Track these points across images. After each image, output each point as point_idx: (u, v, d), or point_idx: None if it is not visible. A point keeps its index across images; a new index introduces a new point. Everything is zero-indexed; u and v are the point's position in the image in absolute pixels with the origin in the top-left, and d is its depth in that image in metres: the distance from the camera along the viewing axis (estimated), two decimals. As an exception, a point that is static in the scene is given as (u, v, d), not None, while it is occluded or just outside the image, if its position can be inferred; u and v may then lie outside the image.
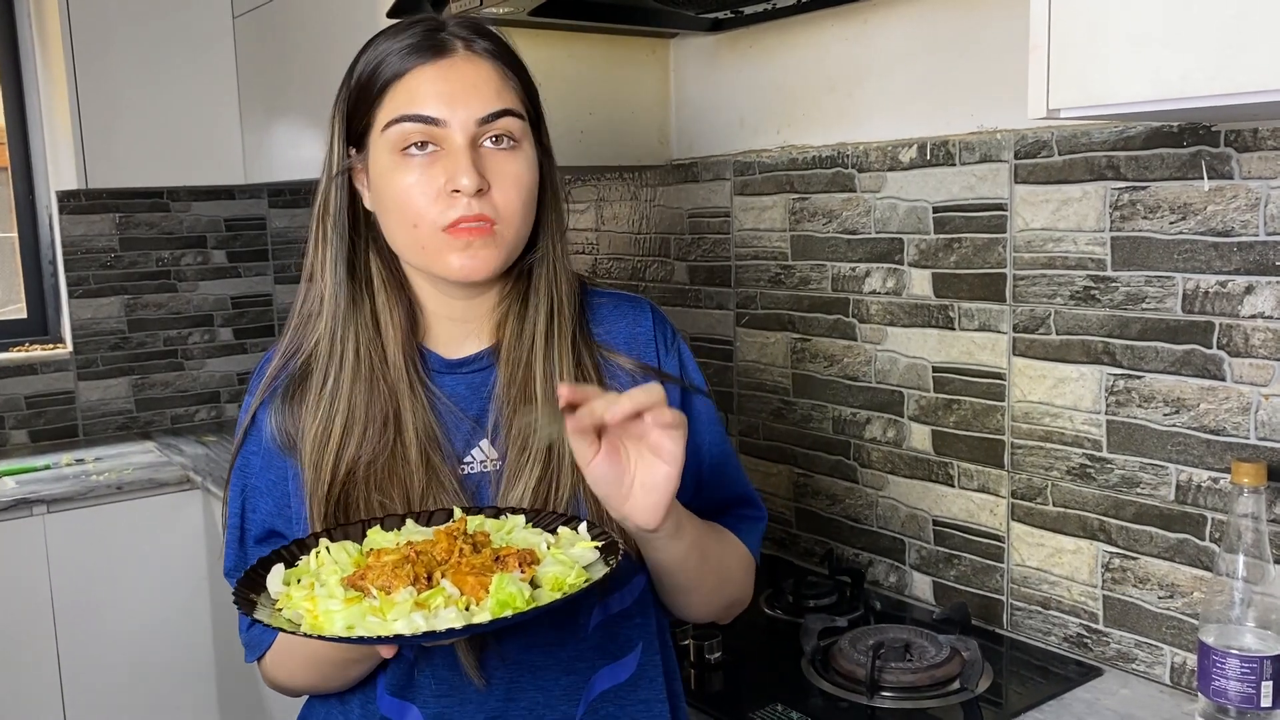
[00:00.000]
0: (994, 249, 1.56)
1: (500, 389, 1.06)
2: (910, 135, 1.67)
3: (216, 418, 3.24)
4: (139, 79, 2.77)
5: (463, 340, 1.10)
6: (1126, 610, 1.46)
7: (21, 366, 2.96)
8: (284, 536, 1.09)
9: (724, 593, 1.13)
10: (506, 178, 1.00)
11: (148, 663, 2.62)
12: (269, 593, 0.88)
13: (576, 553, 0.89)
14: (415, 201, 0.99)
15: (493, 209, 1.00)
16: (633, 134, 2.10)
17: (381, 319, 1.06)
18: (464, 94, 0.99)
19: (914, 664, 1.43)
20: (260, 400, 1.09)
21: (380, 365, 1.05)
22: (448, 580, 0.83)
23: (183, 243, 3.16)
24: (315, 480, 1.03)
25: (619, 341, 1.12)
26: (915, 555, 1.74)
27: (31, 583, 2.49)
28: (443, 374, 1.09)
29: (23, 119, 3.03)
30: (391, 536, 0.94)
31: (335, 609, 0.80)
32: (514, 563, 0.85)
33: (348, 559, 0.90)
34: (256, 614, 0.83)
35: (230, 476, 1.12)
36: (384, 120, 1.00)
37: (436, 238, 1.00)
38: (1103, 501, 1.47)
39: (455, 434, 1.06)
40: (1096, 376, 1.46)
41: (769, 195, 1.92)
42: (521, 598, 0.80)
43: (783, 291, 1.92)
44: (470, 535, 0.90)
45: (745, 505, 1.16)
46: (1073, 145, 1.45)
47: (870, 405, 1.78)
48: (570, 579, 0.85)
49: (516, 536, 0.92)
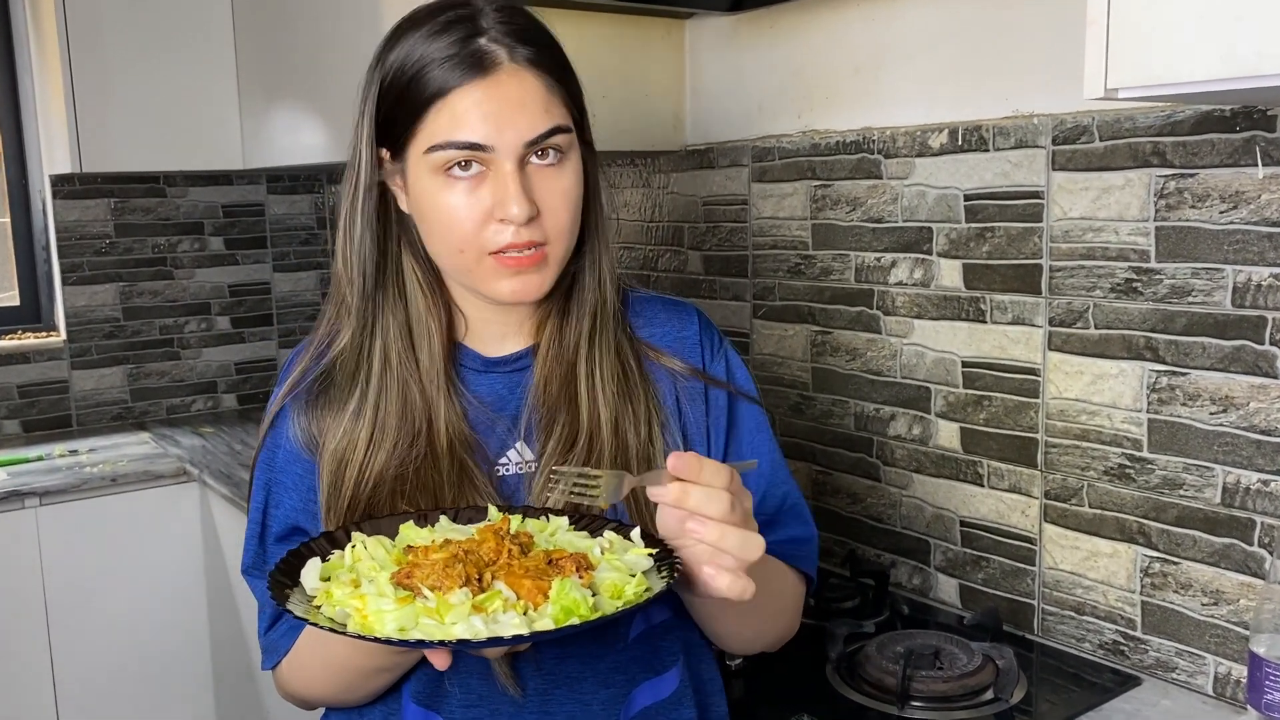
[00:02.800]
0: (1029, 239, 1.49)
1: (538, 389, 1.02)
2: (940, 119, 1.60)
3: (214, 408, 3.17)
4: (135, 60, 2.69)
5: (502, 339, 1.06)
6: (1167, 617, 1.39)
7: (14, 355, 2.88)
8: (307, 534, 1.04)
9: (772, 630, 1.08)
10: (555, 195, 0.95)
11: (142, 658, 2.56)
12: (303, 588, 0.81)
13: (631, 559, 0.83)
14: (461, 226, 0.94)
15: (543, 232, 0.95)
16: (646, 118, 2.03)
17: (415, 324, 1.02)
18: (511, 116, 0.93)
19: (945, 672, 1.37)
20: (285, 397, 1.04)
21: (413, 373, 1.01)
22: (502, 583, 0.77)
23: (179, 229, 3.09)
24: (333, 497, 0.98)
25: (665, 344, 1.08)
26: (941, 557, 1.68)
27: (23, 577, 2.42)
28: (479, 372, 1.05)
29: (15, 100, 2.95)
30: (426, 533, 0.88)
31: (388, 609, 0.74)
32: (571, 566, 0.79)
33: (386, 555, 0.84)
34: (291, 607, 0.76)
35: (254, 469, 1.07)
36: (426, 143, 0.94)
37: (483, 262, 0.95)
38: (1142, 503, 1.40)
39: (490, 436, 1.02)
40: (1138, 373, 1.39)
41: (789, 182, 1.85)
42: (586, 605, 0.75)
43: (802, 282, 1.85)
44: (515, 535, 0.84)
45: (793, 520, 1.09)
46: (1115, 130, 1.38)
47: (895, 401, 1.71)
48: (631, 588, 0.79)
49: (561, 539, 0.87)
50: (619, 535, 0.87)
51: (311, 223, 3.30)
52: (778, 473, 1.09)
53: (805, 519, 1.10)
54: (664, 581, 0.80)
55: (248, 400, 3.22)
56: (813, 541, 1.10)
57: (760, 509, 1.08)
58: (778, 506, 1.08)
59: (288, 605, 0.77)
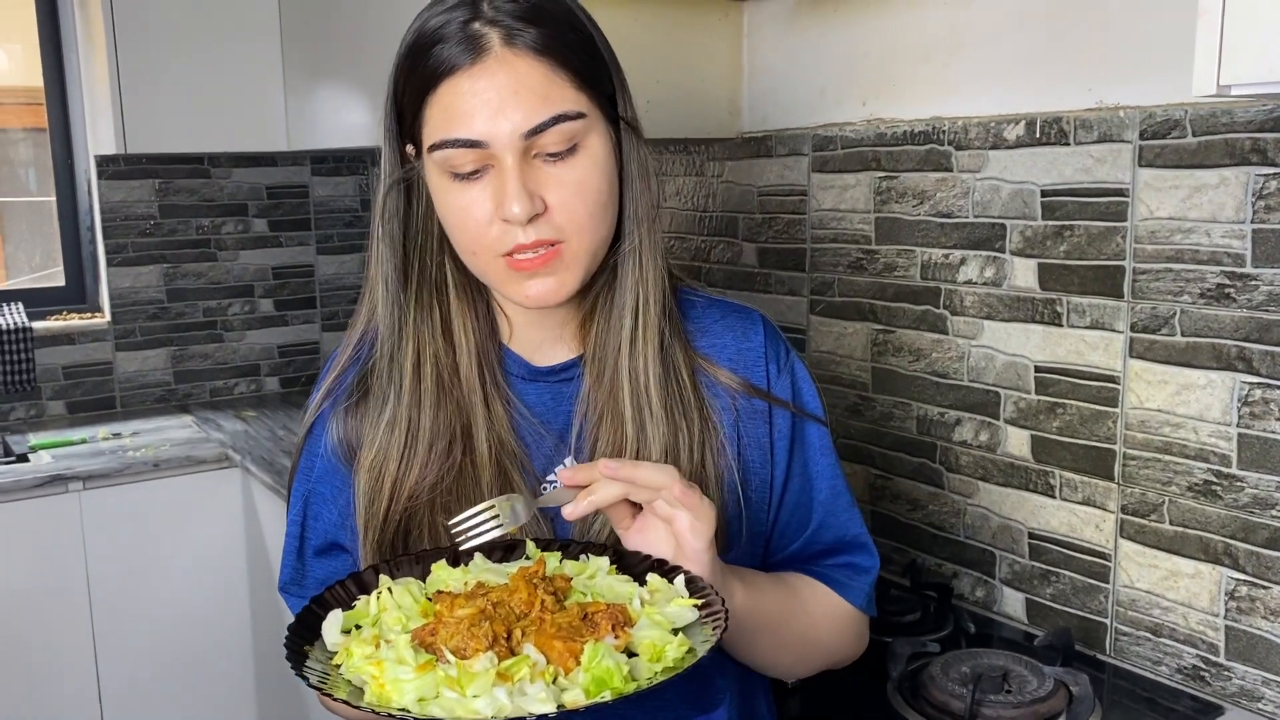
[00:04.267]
0: (1111, 239, 1.41)
1: (584, 400, 0.95)
2: (1017, 110, 1.52)
3: (256, 391, 3.15)
4: (180, 41, 2.66)
5: (550, 345, 0.98)
6: (1254, 643, 1.31)
7: (59, 336, 2.87)
8: (346, 550, 0.99)
9: (810, 662, 1.02)
10: (567, 189, 0.86)
11: (184, 644, 2.55)
12: (324, 642, 0.76)
13: (673, 612, 0.76)
14: (469, 229, 0.88)
15: (553, 229, 0.87)
16: (701, 104, 1.95)
17: (454, 325, 0.95)
18: (505, 106, 0.84)
19: (1015, 697, 1.30)
20: (321, 405, 0.99)
21: (451, 377, 0.94)
22: (531, 645, 0.71)
23: (223, 210, 3.06)
24: (369, 511, 0.93)
25: (724, 356, 0.99)
26: (1007, 569, 1.60)
27: (67, 560, 2.42)
28: (526, 381, 0.97)
29: (61, 80, 2.93)
30: (459, 574, 0.82)
31: (406, 678, 0.68)
32: (606, 625, 0.73)
33: (413, 603, 0.78)
34: (308, 672, 0.71)
35: (293, 480, 1.02)
36: (428, 141, 0.88)
37: (497, 265, 0.88)
38: (1229, 523, 1.32)
39: (536, 451, 0.95)
40: (1228, 384, 1.30)
41: (851, 173, 1.77)
42: (620, 674, 0.68)
43: (864, 278, 1.77)
44: (550, 579, 0.78)
45: (855, 550, 1.02)
46: (1210, 125, 1.29)
47: (961, 405, 1.64)
48: (671, 650, 0.72)
49: (600, 583, 0.80)
50: (664, 580, 0.81)
51: (356, 205, 3.26)
52: (837, 500, 1.02)
53: (869, 551, 1.02)
54: (710, 640, 0.73)
55: (290, 384, 3.19)
56: (871, 574, 1.02)
57: (815, 542, 1.01)
58: (836, 539, 1.01)
59: (305, 668, 0.72)
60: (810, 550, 1.02)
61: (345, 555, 0.99)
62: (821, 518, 1.01)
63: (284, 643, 0.75)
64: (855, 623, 1.04)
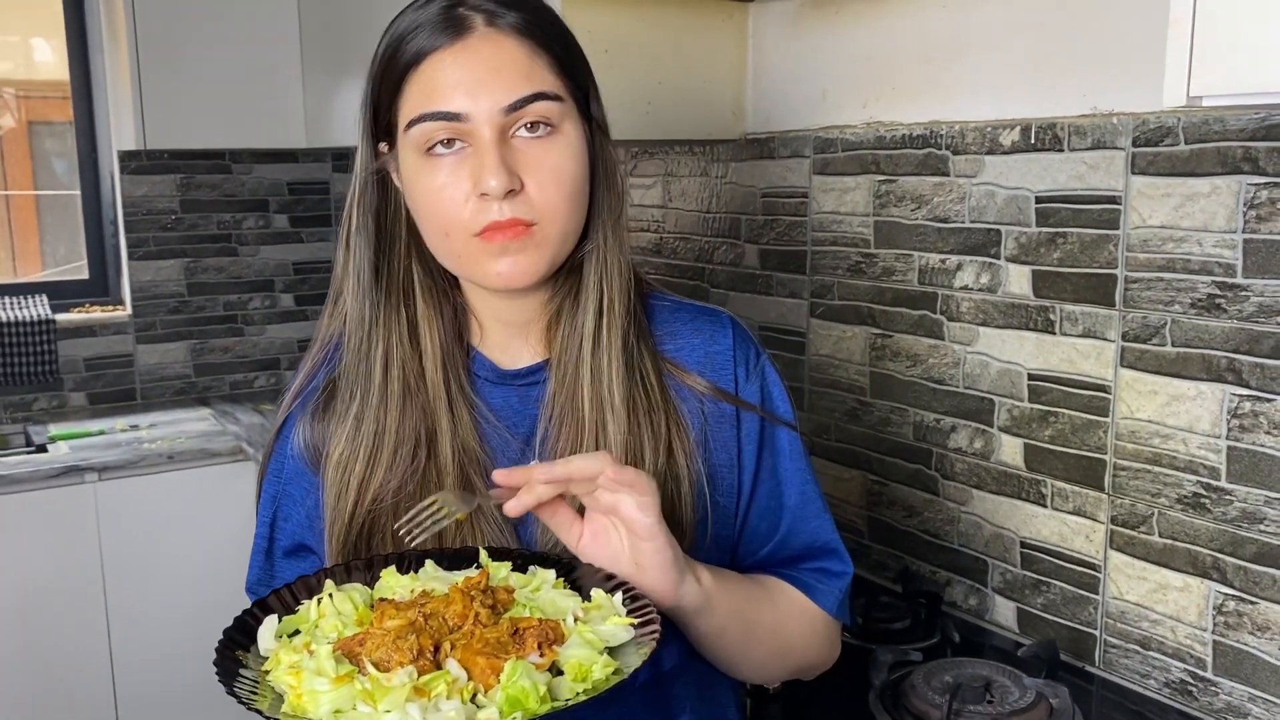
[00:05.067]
0: (1104, 246, 1.39)
1: (549, 402, 0.94)
2: (1013, 115, 1.50)
3: (275, 385, 3.19)
4: (201, 38, 2.69)
5: (519, 348, 0.98)
6: (1240, 659, 1.29)
7: (81, 328, 2.92)
8: (313, 551, 0.99)
9: (783, 661, 1.00)
10: (543, 170, 0.87)
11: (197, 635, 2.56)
12: (258, 649, 0.77)
13: (607, 630, 0.76)
14: (444, 207, 0.87)
15: (529, 209, 0.87)
16: (704, 106, 1.95)
17: (421, 329, 0.95)
18: (485, 81, 0.86)
19: (995, 708, 1.29)
20: (290, 406, 0.99)
21: (416, 381, 0.94)
22: (454, 660, 0.71)
23: (244, 206, 3.10)
24: (335, 509, 0.93)
25: (692, 360, 0.98)
26: (999, 578, 1.59)
27: (82, 551, 2.46)
28: (493, 384, 0.97)
29: (86, 76, 2.98)
30: (407, 581, 0.82)
31: (322, 689, 0.68)
32: (533, 643, 0.72)
33: (352, 610, 0.78)
34: (238, 680, 0.72)
35: (262, 481, 1.02)
36: (405, 119, 0.88)
37: (470, 245, 0.88)
38: (1218, 536, 1.30)
39: (502, 457, 0.95)
40: (1218, 396, 1.29)
41: (851, 176, 1.76)
42: (535, 695, 0.68)
43: (863, 282, 1.76)
44: (492, 591, 0.78)
45: (826, 555, 1.01)
46: (1202, 133, 1.27)
47: (956, 412, 1.62)
48: (596, 670, 0.72)
49: (543, 597, 0.80)
50: (608, 596, 0.80)
51: (375, 201, 3.28)
52: (807, 506, 1.00)
53: (840, 557, 1.01)
54: (641, 656, 0.73)
55: (309, 378, 3.22)
56: (843, 579, 1.00)
57: (784, 548, 1.00)
58: (806, 545, 1.00)
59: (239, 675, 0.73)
60: (780, 555, 1.01)
61: (313, 557, 1.00)
62: (791, 523, 1.00)
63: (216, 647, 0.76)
64: (826, 627, 1.03)
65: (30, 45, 3.47)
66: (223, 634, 0.78)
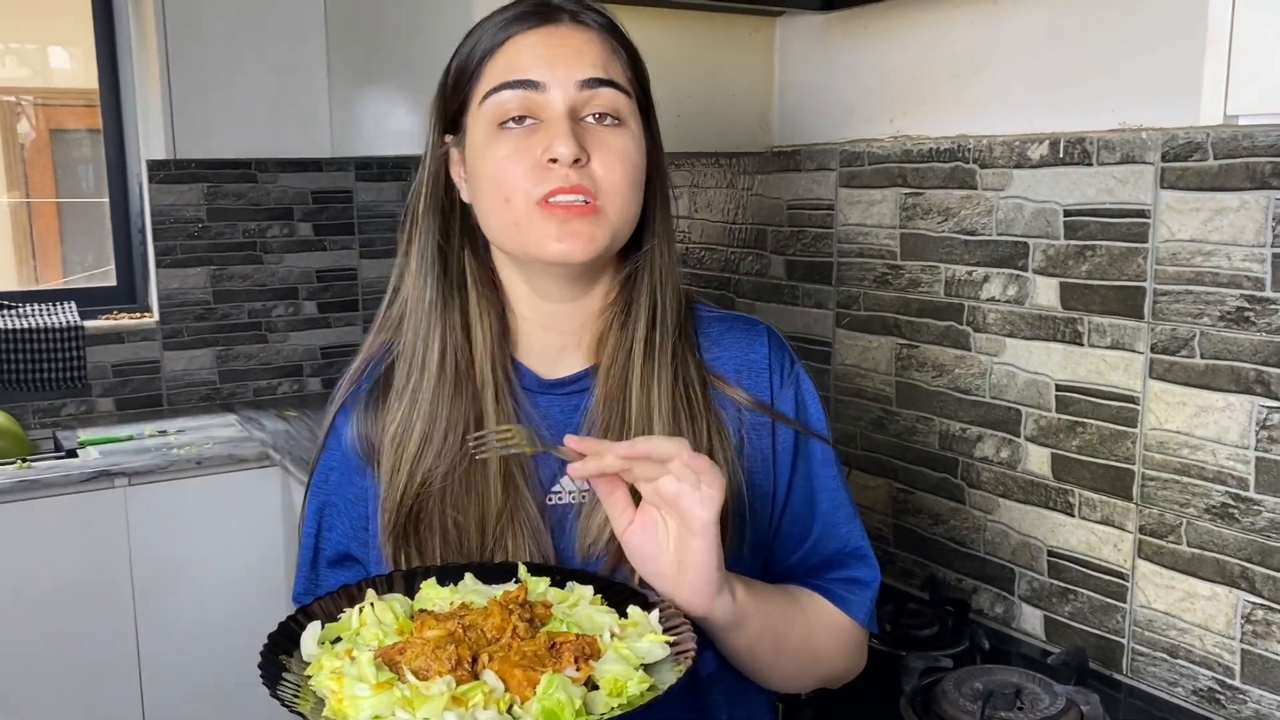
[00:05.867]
0: (1133, 260, 1.41)
1: (595, 411, 0.96)
2: (1041, 130, 1.52)
3: (299, 391, 3.22)
4: (230, 49, 2.73)
5: (560, 356, 1.00)
6: (1270, 668, 1.31)
7: (109, 334, 2.96)
8: (359, 561, 1.02)
9: (811, 672, 1.01)
10: (610, 151, 0.91)
11: (225, 641, 2.60)
12: (301, 654, 0.79)
13: (643, 647, 0.78)
14: (509, 173, 0.91)
15: (592, 182, 0.90)
16: (732, 118, 1.97)
17: (472, 322, 0.98)
18: (566, 57, 0.91)
19: (1026, 715, 1.31)
20: (340, 405, 1.01)
21: (467, 370, 0.97)
22: (492, 671, 0.73)
23: (269, 214, 3.13)
24: (389, 488, 0.95)
25: (729, 369, 1.01)
26: (1026, 586, 1.61)
27: (112, 555, 2.49)
28: (536, 394, 0.99)
29: (116, 85, 3.02)
30: (447, 593, 0.84)
31: (363, 695, 0.70)
32: (569, 657, 0.74)
33: (393, 620, 0.81)
34: (281, 683, 0.74)
35: (308, 491, 1.04)
36: (481, 93, 0.93)
37: (531, 213, 0.90)
38: (1246, 546, 1.32)
39: (544, 460, 0.97)
40: (1246, 408, 1.30)
41: (878, 189, 1.79)
42: (571, 707, 0.70)
43: (889, 293, 1.78)
44: (529, 605, 0.80)
45: (855, 562, 1.03)
46: (1231, 149, 1.29)
47: (983, 422, 1.64)
48: (632, 686, 0.73)
49: (580, 613, 0.82)
50: (644, 614, 0.82)
51: (399, 210, 3.29)
52: (838, 512, 1.02)
53: (869, 564, 1.03)
54: (676, 673, 0.75)
55: (332, 384, 3.25)
56: (872, 587, 1.02)
57: (815, 553, 1.02)
58: (837, 550, 1.02)
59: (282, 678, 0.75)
60: (811, 561, 1.03)
61: (358, 566, 1.02)
62: (823, 529, 1.02)
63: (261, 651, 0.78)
64: (855, 638, 1.04)
65: (48, 53, 3.52)
66: (267, 638, 0.81)
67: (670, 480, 0.81)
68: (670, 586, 0.84)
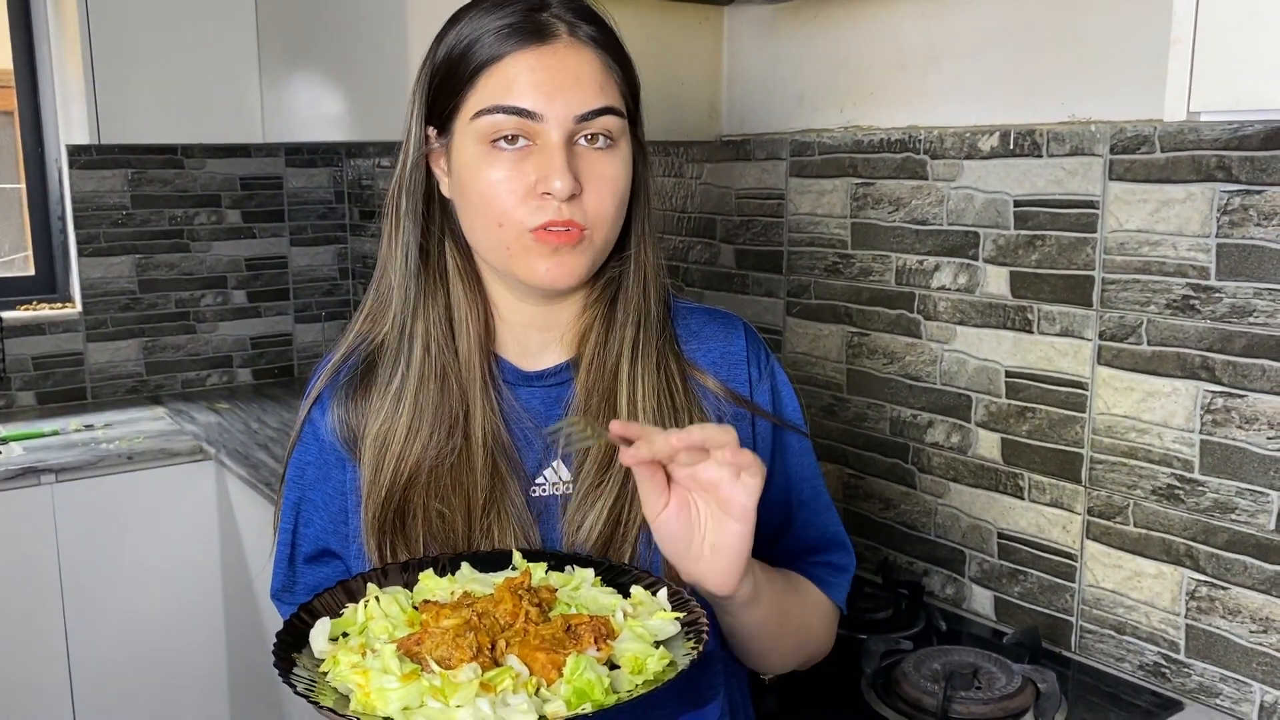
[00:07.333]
0: (1082, 249, 1.45)
1: (578, 403, 0.97)
2: (992, 121, 1.56)
3: (229, 383, 3.14)
4: (155, 32, 2.64)
5: (540, 350, 1.01)
6: (1212, 642, 1.36)
7: (29, 326, 2.85)
8: (337, 556, 1.00)
9: (803, 650, 1.05)
10: (601, 180, 0.91)
11: (157, 639, 2.54)
12: (311, 649, 0.78)
13: (655, 625, 0.79)
14: (502, 200, 0.90)
15: (583, 214, 0.90)
16: (680, 107, 1.98)
17: (456, 314, 0.98)
18: (565, 87, 0.89)
19: (984, 694, 1.34)
20: (317, 396, 1.00)
21: (452, 362, 0.97)
22: (515, 656, 0.73)
23: (196, 201, 3.04)
24: (373, 483, 0.95)
25: (708, 360, 1.02)
26: (976, 568, 1.65)
27: (39, 555, 2.41)
28: (516, 386, 0.99)
29: (31, 65, 2.90)
30: (446, 583, 0.84)
31: (391, 687, 0.70)
32: (589, 637, 0.75)
33: (399, 612, 0.80)
34: (295, 680, 0.73)
35: (283, 486, 1.03)
36: (474, 108, 0.91)
37: (522, 239, 0.91)
38: (1191, 525, 1.37)
39: (526, 452, 0.97)
40: (1192, 392, 1.35)
41: (829, 178, 1.80)
42: (601, 686, 0.70)
43: (840, 282, 1.81)
44: (535, 590, 0.80)
45: (833, 549, 1.06)
46: (1178, 142, 1.34)
47: (933, 408, 1.68)
48: (653, 663, 0.74)
49: (585, 595, 0.82)
50: (647, 593, 0.83)
51: (330, 196, 3.25)
52: (818, 500, 1.06)
53: (847, 550, 1.07)
54: (691, 654, 0.76)
55: (263, 375, 3.19)
56: (849, 571, 1.07)
57: (799, 539, 1.05)
58: (817, 538, 1.05)
59: (293, 674, 0.74)
60: (794, 548, 1.06)
61: (336, 561, 1.01)
62: (806, 517, 1.05)
63: (272, 649, 0.77)
64: (834, 618, 1.09)
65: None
66: (276, 636, 0.79)
67: (711, 466, 0.81)
68: (701, 568, 0.84)
